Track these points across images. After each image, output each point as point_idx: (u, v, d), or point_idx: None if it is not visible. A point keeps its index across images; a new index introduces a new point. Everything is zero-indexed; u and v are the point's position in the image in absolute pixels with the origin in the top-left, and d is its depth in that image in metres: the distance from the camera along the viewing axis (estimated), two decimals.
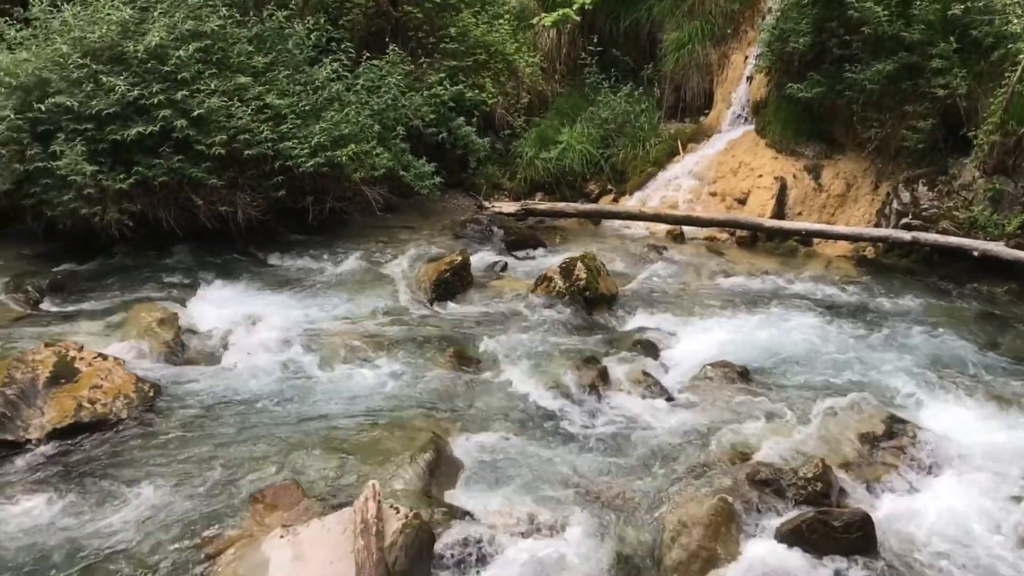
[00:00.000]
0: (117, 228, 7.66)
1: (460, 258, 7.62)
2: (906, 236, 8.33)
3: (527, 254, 8.96)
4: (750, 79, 10.82)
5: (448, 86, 10.40)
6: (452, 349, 6.06)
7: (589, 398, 5.43)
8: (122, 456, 4.64)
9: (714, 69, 11.58)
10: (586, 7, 11.54)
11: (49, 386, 4.98)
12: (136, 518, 4.05)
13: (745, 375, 5.75)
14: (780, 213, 9.49)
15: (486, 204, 10.22)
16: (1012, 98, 7.87)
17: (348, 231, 9.11)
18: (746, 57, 11.02)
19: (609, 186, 10.88)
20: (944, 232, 8.25)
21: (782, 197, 9.58)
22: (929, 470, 4.64)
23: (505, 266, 8.33)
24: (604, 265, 7.63)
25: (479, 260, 8.26)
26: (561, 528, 4.03)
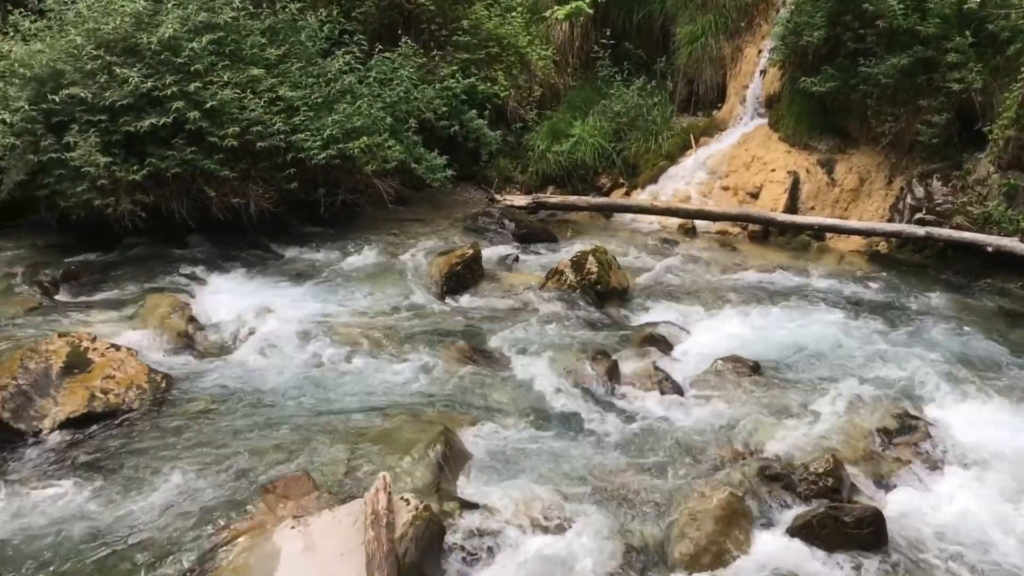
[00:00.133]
0: (130, 219, 7.67)
1: (471, 251, 7.61)
2: (920, 231, 8.28)
3: (538, 247, 8.94)
4: (763, 73, 10.75)
5: (460, 79, 10.38)
6: (463, 342, 6.07)
7: (600, 392, 5.43)
8: (134, 447, 4.67)
9: (727, 63, 11.52)
10: (599, 0, 11.50)
11: (63, 376, 5.01)
12: (147, 508, 4.07)
13: (756, 370, 5.73)
14: (793, 207, 9.45)
15: (498, 197, 10.21)
16: None
17: (360, 223, 9.12)
18: (760, 51, 10.95)
19: (621, 180, 10.84)
20: (958, 227, 8.19)
21: (795, 191, 9.54)
22: (941, 467, 4.61)
23: (516, 259, 8.33)
24: (615, 259, 7.62)
25: (490, 253, 8.25)
26: (570, 521, 4.03)
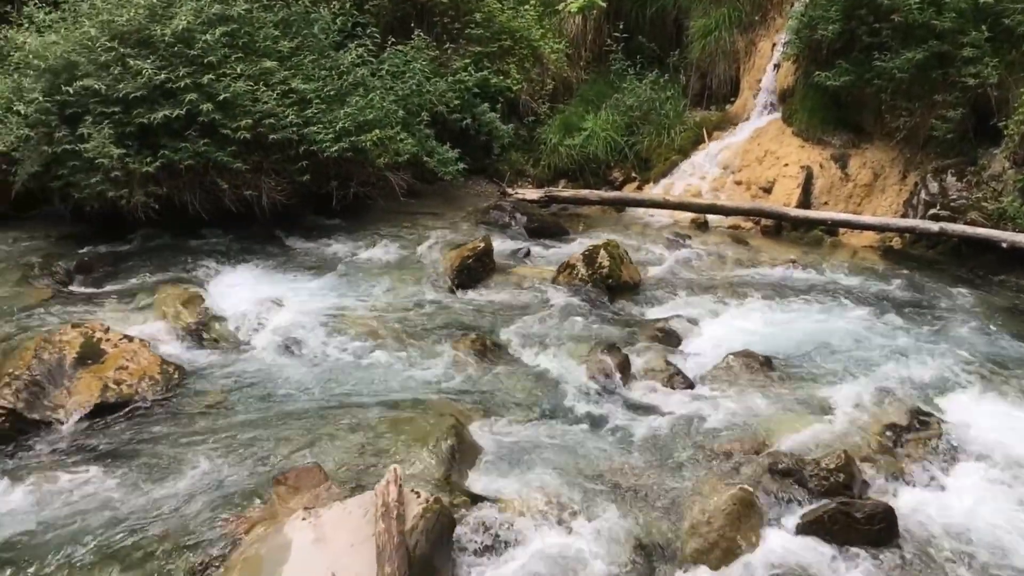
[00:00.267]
0: (143, 211, 7.70)
1: (483, 244, 7.61)
2: (934, 227, 8.23)
3: (550, 241, 8.93)
4: (777, 67, 10.71)
5: (473, 72, 10.38)
6: (474, 335, 6.07)
7: (611, 386, 5.42)
8: (147, 438, 4.69)
9: (741, 56, 11.48)
10: None
11: (76, 367, 5.04)
12: (159, 499, 4.09)
13: (768, 365, 5.71)
14: (806, 202, 9.41)
15: (509, 191, 10.21)
16: None
17: (372, 216, 9.14)
18: (774, 44, 10.91)
19: (633, 174, 10.82)
20: (972, 223, 8.13)
21: (808, 186, 9.50)
22: (954, 464, 4.59)
23: (528, 253, 8.32)
24: (627, 253, 7.61)
25: (502, 247, 8.25)
26: (580, 515, 4.03)
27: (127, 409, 4.96)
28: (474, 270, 7.43)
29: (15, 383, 4.80)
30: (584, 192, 10.13)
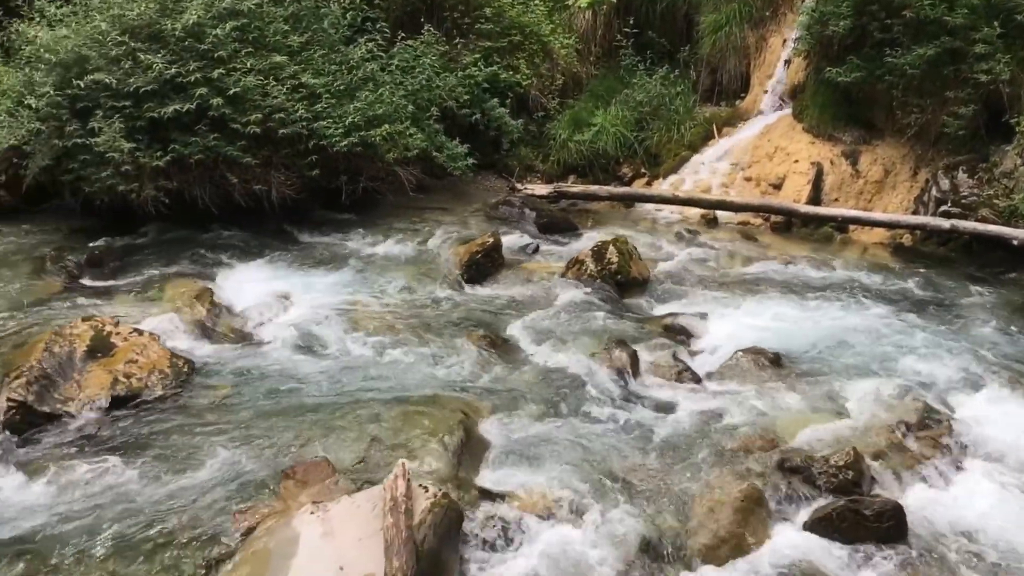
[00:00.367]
0: (153, 205, 7.72)
1: (492, 240, 7.61)
2: (945, 224, 8.19)
3: (559, 237, 8.92)
4: (788, 62, 10.67)
5: (482, 67, 10.37)
6: (483, 330, 6.07)
7: (619, 382, 5.42)
8: (156, 431, 4.70)
9: (751, 52, 11.44)
10: None
11: (86, 360, 5.06)
12: (167, 493, 4.10)
13: (777, 361, 5.70)
14: (816, 199, 9.38)
15: (519, 186, 10.21)
16: None
17: (381, 211, 9.14)
18: (784, 40, 10.87)
19: (643, 169, 10.79)
20: (984, 220, 8.08)
21: (818, 183, 9.47)
22: (964, 462, 4.58)
23: (537, 248, 8.32)
24: (636, 249, 7.60)
25: (511, 242, 8.23)
26: (588, 511, 4.03)
27: (137, 402, 4.97)
28: (483, 265, 7.44)
29: (26, 376, 4.81)
30: (593, 188, 10.12)
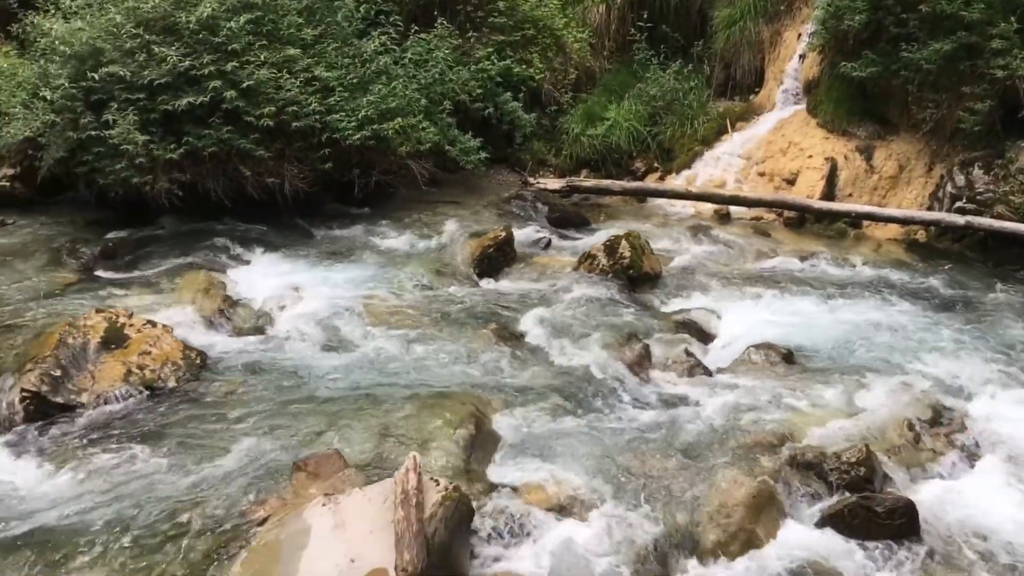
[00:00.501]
0: (167, 197, 7.75)
1: (504, 234, 7.61)
2: (959, 220, 8.14)
3: (571, 231, 8.91)
4: (803, 57, 10.61)
5: (495, 61, 10.34)
6: (494, 324, 6.07)
7: (630, 376, 5.41)
8: (169, 423, 4.72)
9: (766, 47, 11.37)
10: None
11: (100, 351, 5.09)
12: (179, 484, 4.12)
13: (789, 357, 5.68)
14: (830, 194, 9.33)
15: (531, 180, 10.19)
16: None
17: (393, 204, 9.15)
18: (799, 35, 10.80)
19: (655, 164, 10.77)
20: (999, 217, 8.03)
21: (832, 178, 9.42)
22: (977, 459, 4.55)
23: (549, 243, 8.31)
24: (648, 244, 7.58)
25: (523, 236, 8.22)
26: (599, 505, 4.03)
27: (150, 394, 5.00)
28: (495, 259, 7.44)
29: (40, 367, 4.84)
30: (606, 182, 10.10)
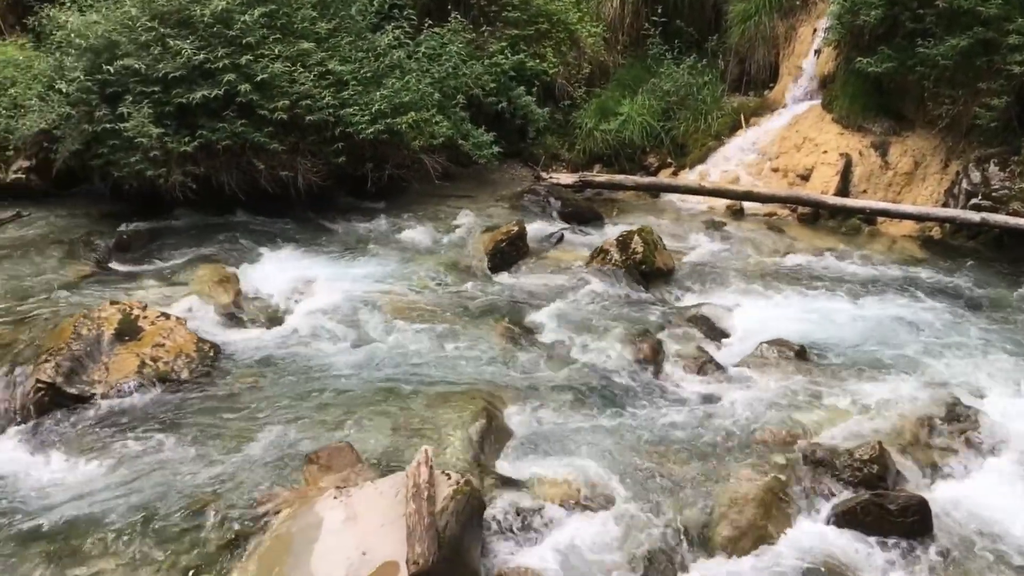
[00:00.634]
0: (181, 190, 7.79)
1: (517, 228, 7.61)
2: (975, 217, 8.08)
3: (584, 226, 8.89)
4: (818, 52, 10.54)
5: (509, 55, 10.33)
6: (507, 319, 6.07)
7: (642, 372, 5.41)
8: (182, 415, 4.75)
9: (780, 42, 11.31)
10: None
11: (113, 343, 5.11)
12: (192, 476, 4.14)
13: (803, 354, 5.66)
14: (844, 190, 9.28)
15: (544, 175, 10.18)
16: None
17: (406, 199, 9.16)
18: (815, 30, 10.74)
19: (669, 159, 10.72)
20: (1015, 214, 7.97)
21: (847, 174, 9.37)
22: (991, 457, 4.53)
23: (561, 237, 8.29)
24: (661, 239, 7.55)
25: (536, 231, 8.21)
26: (610, 501, 4.03)
27: (163, 386, 5.02)
28: (508, 254, 7.44)
29: (55, 358, 4.87)
30: (619, 177, 10.07)
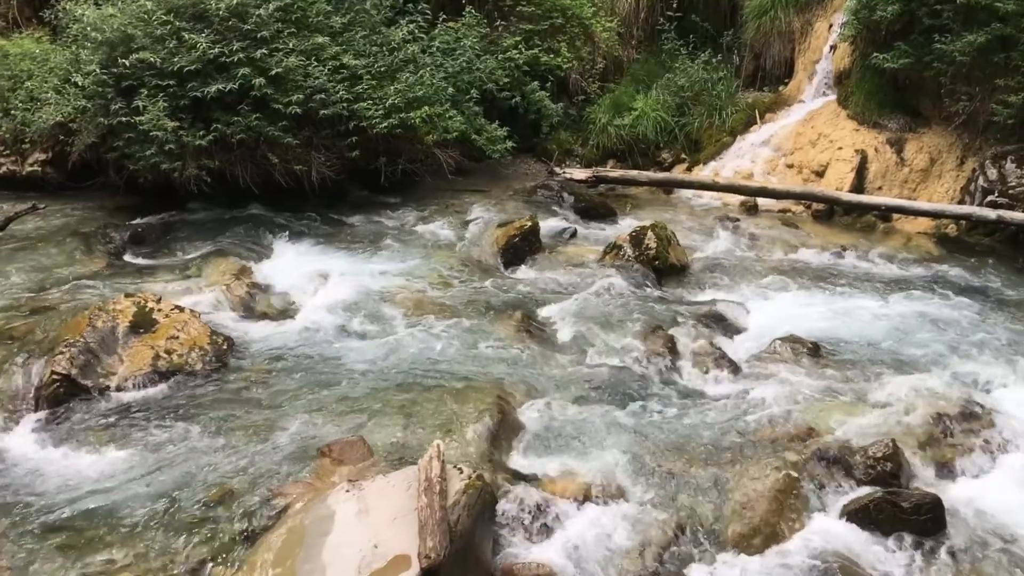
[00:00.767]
0: (195, 184, 7.81)
1: (530, 223, 7.61)
2: (991, 214, 8.02)
3: (597, 222, 8.87)
4: (834, 48, 10.48)
5: (523, 50, 10.32)
6: (519, 314, 6.07)
7: (655, 368, 5.40)
8: (195, 407, 4.78)
9: (796, 37, 11.26)
10: None
11: (128, 335, 5.15)
12: (206, 468, 4.16)
13: (816, 351, 5.64)
14: (859, 187, 9.22)
15: (557, 170, 10.16)
16: None
17: (419, 193, 9.16)
18: (830, 25, 10.68)
19: (683, 155, 10.69)
20: None
21: (862, 171, 9.31)
22: (1005, 455, 4.50)
23: (575, 233, 8.28)
24: (675, 235, 7.54)
25: (549, 226, 8.20)
26: (622, 496, 4.03)
27: (177, 378, 5.05)
28: (521, 249, 7.44)
29: (70, 350, 4.91)
30: (632, 173, 10.04)
